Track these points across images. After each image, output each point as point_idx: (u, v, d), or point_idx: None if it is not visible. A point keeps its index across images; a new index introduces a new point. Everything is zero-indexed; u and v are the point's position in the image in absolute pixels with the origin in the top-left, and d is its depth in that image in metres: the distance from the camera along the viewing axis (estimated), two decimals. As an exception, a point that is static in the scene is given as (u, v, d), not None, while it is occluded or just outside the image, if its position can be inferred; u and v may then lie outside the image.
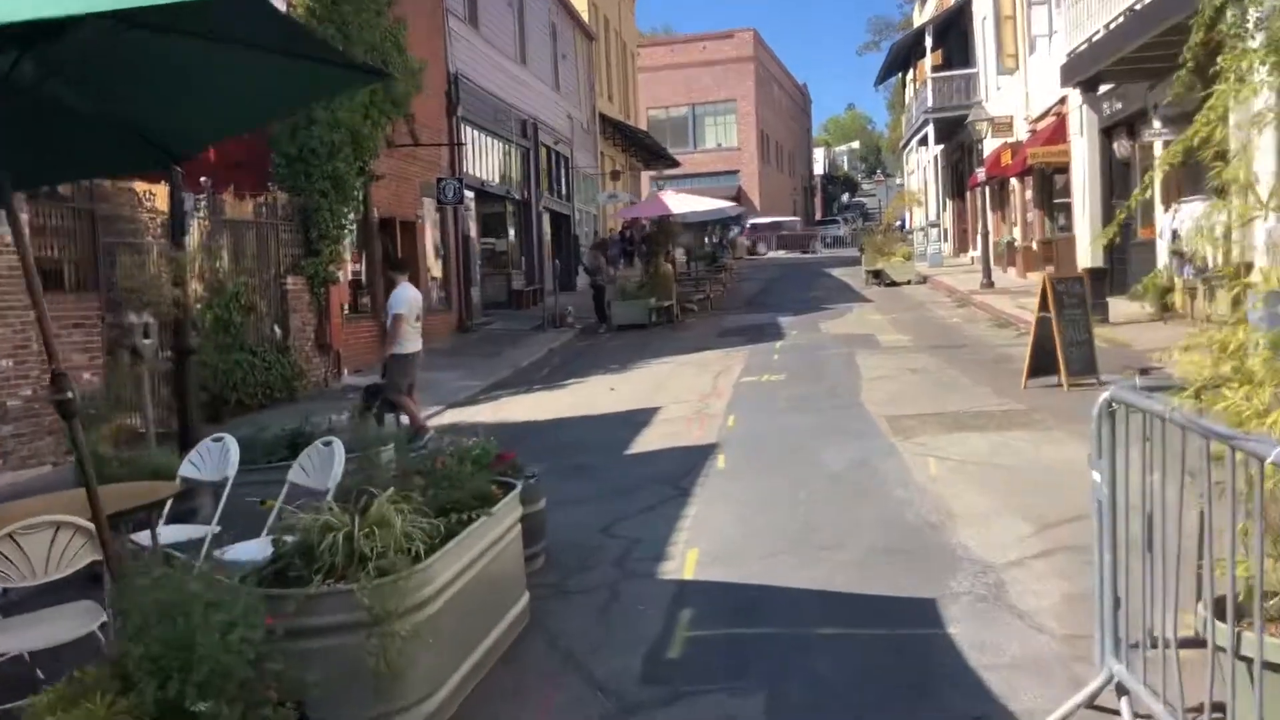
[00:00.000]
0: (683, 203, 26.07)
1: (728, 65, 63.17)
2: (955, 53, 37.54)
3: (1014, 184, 29.98)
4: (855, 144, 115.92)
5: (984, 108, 27.22)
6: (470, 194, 24.78)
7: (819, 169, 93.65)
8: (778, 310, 24.39)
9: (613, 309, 23.05)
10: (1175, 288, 16.91)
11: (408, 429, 11.31)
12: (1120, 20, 15.39)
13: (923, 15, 41.65)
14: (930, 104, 35.42)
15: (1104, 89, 17.91)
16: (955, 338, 17.64)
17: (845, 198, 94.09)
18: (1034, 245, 27.48)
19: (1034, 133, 26.22)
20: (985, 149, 29.02)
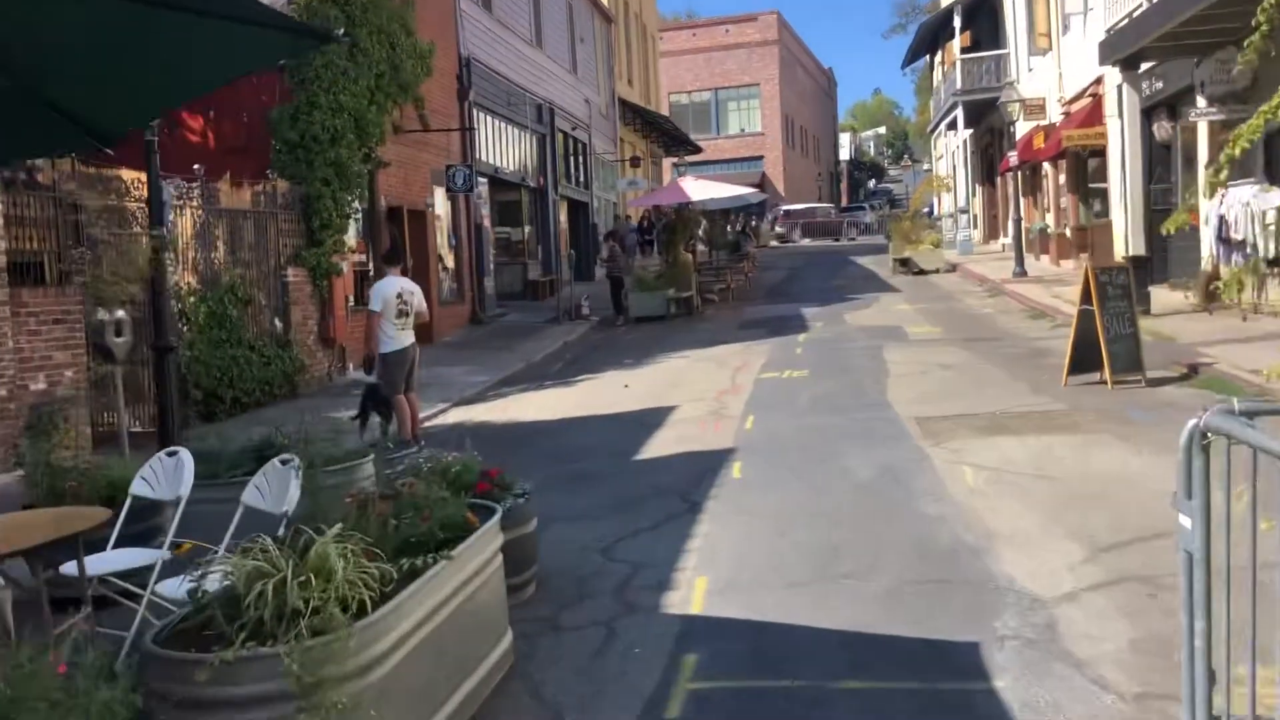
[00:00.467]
0: (702, 189, 25.24)
1: (751, 49, 62.09)
2: (985, 33, 36.45)
3: (1046, 168, 28.99)
4: (881, 129, 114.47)
5: (1016, 88, 26.25)
6: (483, 181, 24.09)
7: (845, 154, 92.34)
8: (801, 300, 23.59)
9: (630, 300, 22.32)
10: (1221, 276, 16.03)
11: (395, 435, 10.66)
12: (1165, -8, 14.49)
13: (950, -4, 40.54)
14: (959, 86, 34.39)
15: (1145, 67, 16.99)
16: (988, 330, 16.81)
17: (871, 184, 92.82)
18: (1068, 232, 26.53)
19: (1068, 115, 25.25)
20: (1017, 132, 28.03)
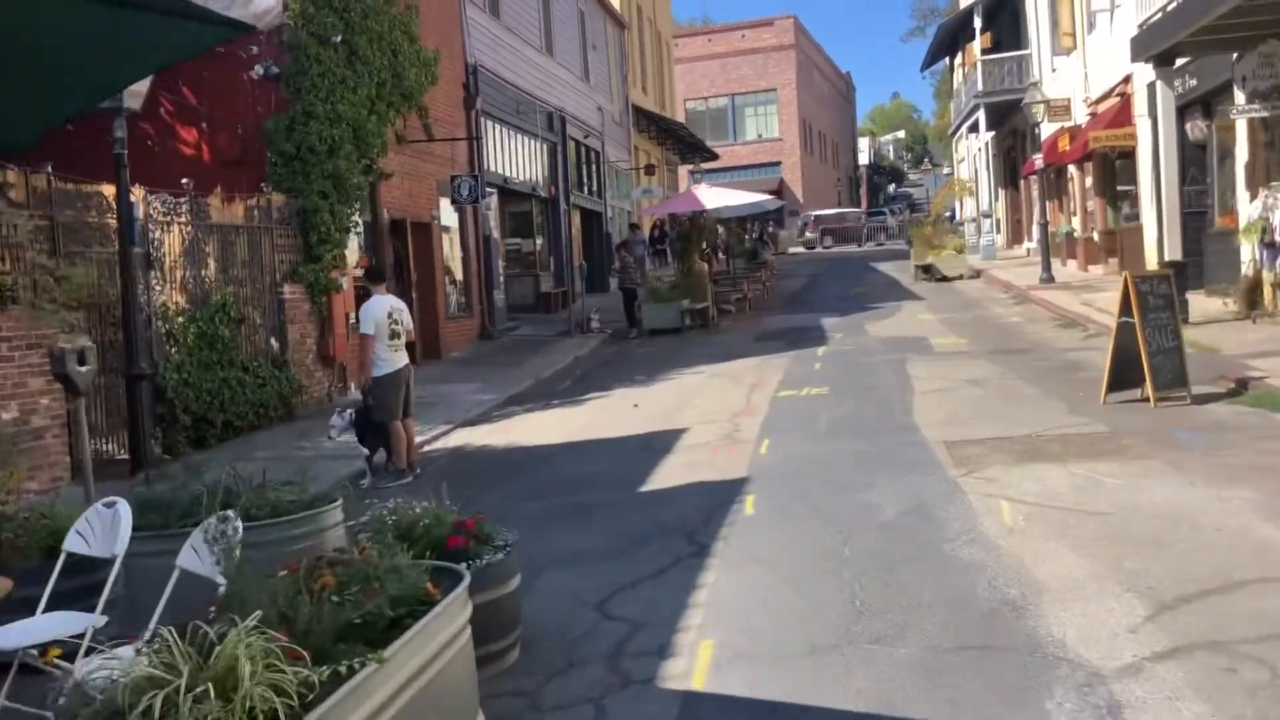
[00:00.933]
0: (717, 196, 24.53)
1: (768, 54, 61.37)
2: (1006, 34, 35.65)
3: (1072, 171, 28.16)
4: (901, 133, 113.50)
5: (1040, 89, 25.44)
6: (492, 192, 23.46)
7: (864, 159, 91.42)
8: (821, 310, 22.84)
9: (643, 312, 21.62)
10: (1264, 282, 15.21)
11: (390, 464, 10.02)
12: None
13: (970, -3, 39.76)
14: (980, 88, 33.59)
15: (1179, 64, 16.18)
16: (1016, 340, 16.03)
17: (891, 188, 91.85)
18: (1095, 236, 25.70)
19: (1094, 115, 24.45)
20: (1041, 134, 27.20)
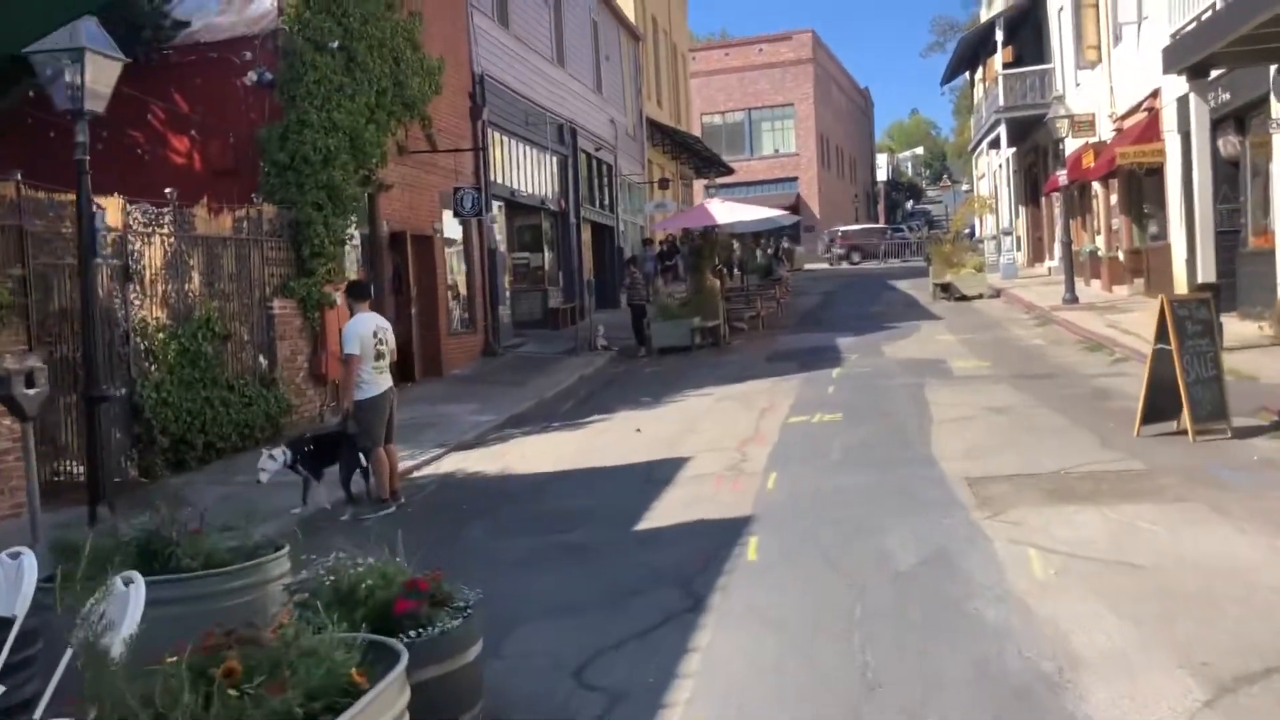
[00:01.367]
0: (730, 211, 23.84)
1: (785, 68, 60.76)
2: (1028, 49, 34.96)
3: (1096, 188, 27.40)
4: (919, 150, 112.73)
5: (1064, 104, 24.72)
6: (499, 205, 22.90)
7: (881, 175, 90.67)
8: (836, 329, 22.13)
9: (652, 330, 20.97)
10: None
11: (369, 494, 9.39)
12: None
13: (991, 10, 39.09)
14: (1002, 103, 32.86)
15: (1213, 75, 15.45)
16: (1041, 365, 15.29)
17: (909, 205, 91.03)
18: (1120, 255, 24.93)
19: (1120, 131, 23.71)
20: (1065, 150, 26.46)
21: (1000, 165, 39.08)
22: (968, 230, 41.99)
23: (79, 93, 7.69)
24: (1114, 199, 25.72)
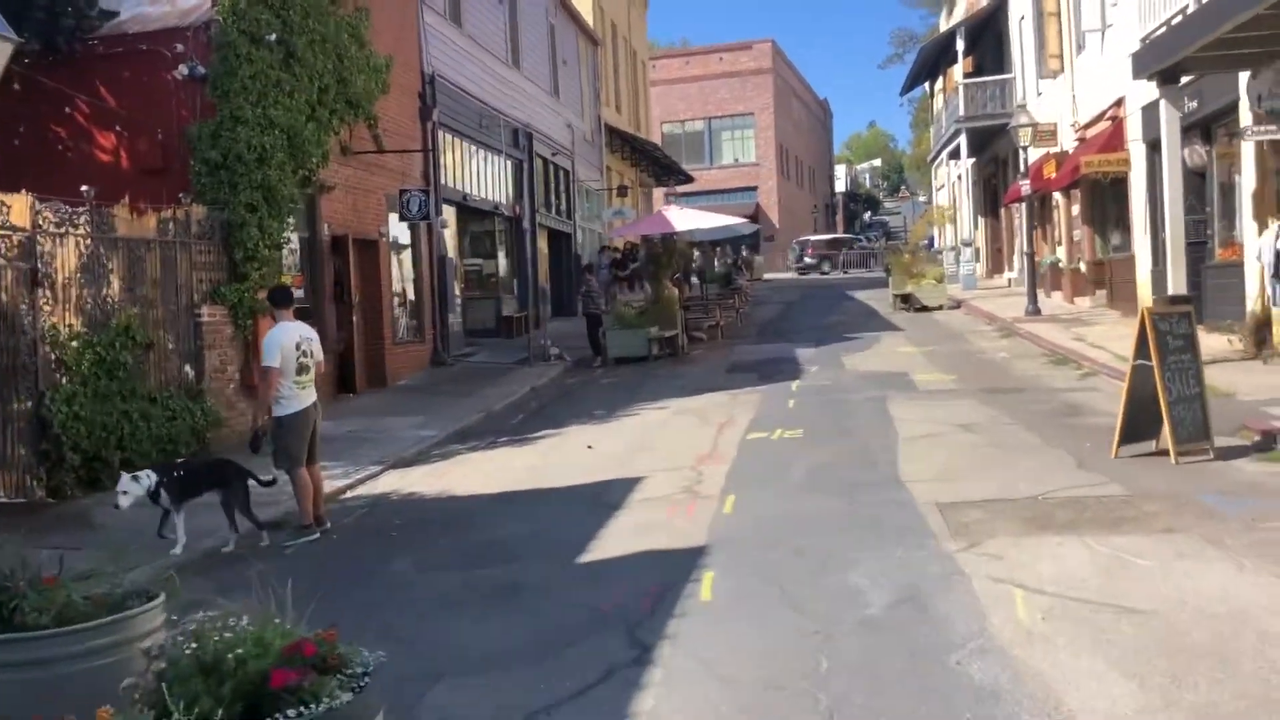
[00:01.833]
0: (688, 219, 23.22)
1: (745, 77, 60.39)
2: (988, 58, 34.71)
3: (1058, 198, 27.11)
4: (877, 161, 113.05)
5: (1028, 111, 24.36)
6: (450, 209, 22.12)
7: (840, 186, 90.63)
8: (796, 340, 21.57)
9: (608, 339, 20.29)
10: (1275, 320, 14.08)
11: (288, 525, 8.63)
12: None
13: (951, 20, 38.85)
14: (962, 113, 32.55)
15: (1184, 81, 15.03)
16: (1007, 378, 14.78)
17: (867, 216, 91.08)
18: (1082, 266, 24.61)
19: (1082, 141, 23.39)
20: (1027, 159, 26.11)
21: (960, 176, 38.84)
22: (926, 241, 41.74)
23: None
24: (1076, 210, 25.42)
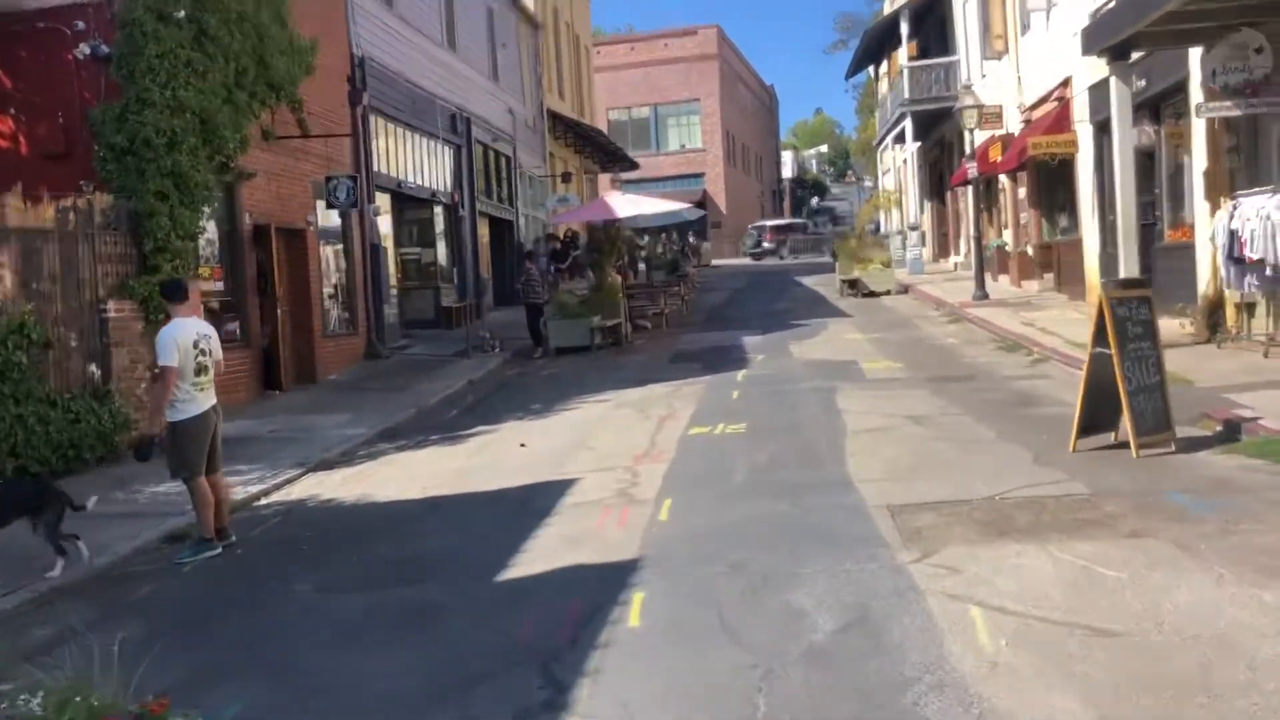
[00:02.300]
0: (631, 205, 22.59)
1: (691, 63, 59.74)
2: (933, 41, 34.35)
3: (1004, 182, 26.81)
4: (824, 148, 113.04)
5: (973, 93, 23.99)
6: (385, 196, 21.31)
7: (787, 172, 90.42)
8: (742, 327, 21.04)
9: (549, 329, 19.63)
10: (1228, 303, 13.76)
11: (191, 541, 7.91)
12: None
13: (895, 4, 38.47)
14: (907, 96, 32.20)
15: (1135, 57, 14.62)
16: (957, 366, 14.34)
17: (814, 201, 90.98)
18: (1030, 250, 24.32)
19: (1028, 123, 23.06)
20: (973, 142, 25.76)
21: (906, 160, 38.53)
22: (873, 226, 41.43)
23: None
24: (1023, 193, 25.12)
